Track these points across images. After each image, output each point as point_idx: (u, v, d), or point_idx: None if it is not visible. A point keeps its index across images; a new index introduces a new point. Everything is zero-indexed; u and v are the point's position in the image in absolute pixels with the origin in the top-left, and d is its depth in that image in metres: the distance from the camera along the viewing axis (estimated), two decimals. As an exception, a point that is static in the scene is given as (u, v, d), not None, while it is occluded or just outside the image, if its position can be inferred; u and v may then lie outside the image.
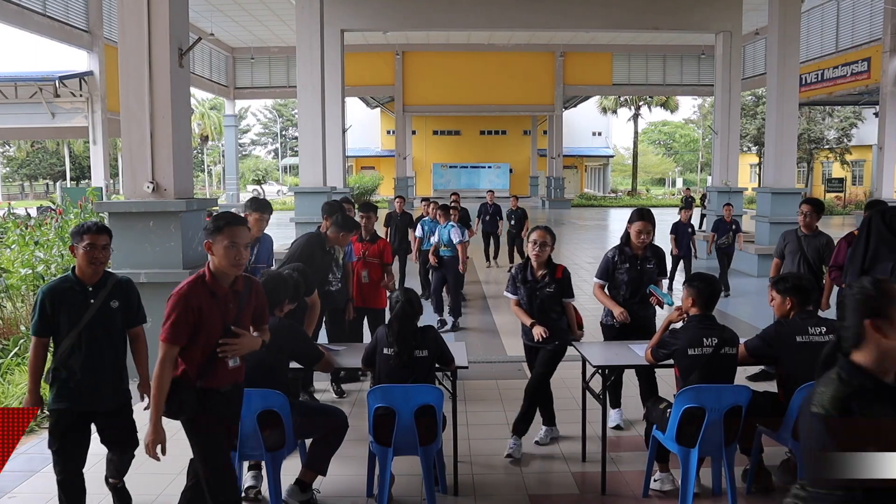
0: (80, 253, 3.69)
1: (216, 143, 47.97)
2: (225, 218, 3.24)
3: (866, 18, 21.69)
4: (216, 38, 26.60)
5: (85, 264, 3.71)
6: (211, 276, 3.25)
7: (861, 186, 37.12)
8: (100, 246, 3.72)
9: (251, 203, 6.15)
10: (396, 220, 11.08)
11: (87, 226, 3.76)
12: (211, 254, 3.23)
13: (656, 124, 63.60)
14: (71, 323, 3.66)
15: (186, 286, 3.21)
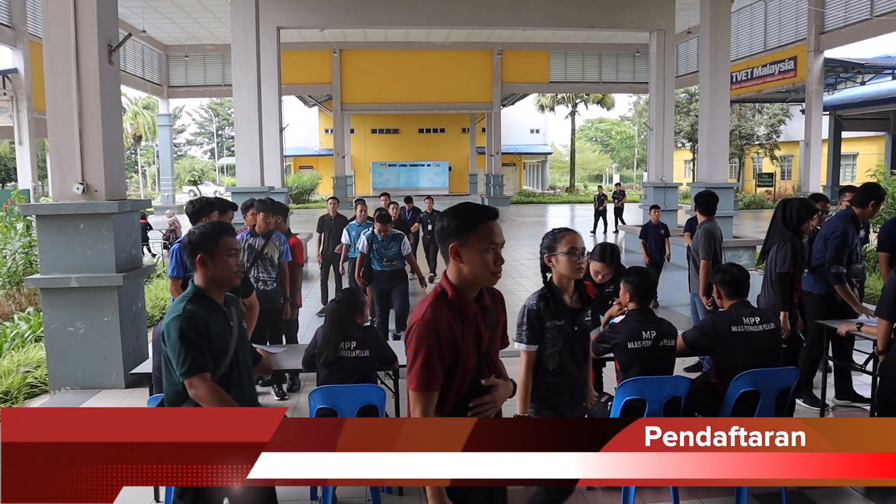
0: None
1: (150, 143, 46.74)
2: (471, 211, 2.44)
3: (792, 19, 22.46)
4: (148, 35, 25.92)
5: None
6: (455, 290, 2.44)
7: (790, 181, 38.40)
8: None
9: (261, 204, 6.22)
10: (329, 224, 10.17)
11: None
12: (456, 260, 2.41)
13: (593, 121, 64.59)
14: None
15: (430, 310, 2.38)
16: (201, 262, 2.95)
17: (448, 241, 2.40)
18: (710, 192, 6.85)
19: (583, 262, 3.38)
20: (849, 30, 19.96)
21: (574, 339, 3.40)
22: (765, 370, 4.12)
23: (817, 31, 20.83)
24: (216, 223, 3.10)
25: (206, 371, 2.83)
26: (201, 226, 3.07)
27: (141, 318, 7.06)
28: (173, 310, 2.89)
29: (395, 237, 7.64)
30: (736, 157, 38.24)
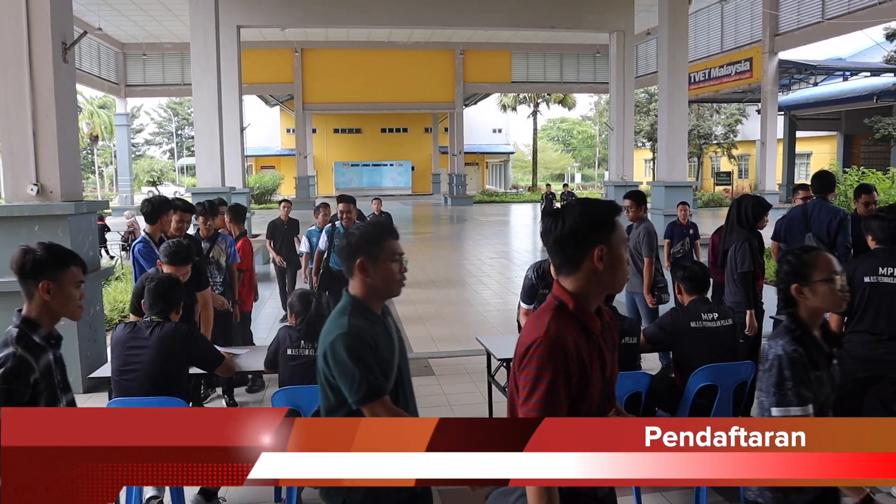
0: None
1: (107, 143, 45.89)
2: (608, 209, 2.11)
3: (748, 21, 22.90)
4: (104, 32, 25.43)
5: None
6: (576, 302, 2.06)
7: (747, 179, 39.12)
8: None
9: (199, 207, 6.10)
10: (282, 228, 9.45)
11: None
12: (588, 266, 2.03)
13: (555, 121, 65.03)
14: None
15: (553, 325, 2.01)
16: (361, 267, 2.53)
17: (588, 244, 2.01)
18: (641, 192, 6.87)
19: (847, 291, 2.61)
20: (801, 32, 20.42)
21: (832, 391, 2.57)
22: (722, 365, 4.20)
23: (772, 33, 21.28)
24: (377, 223, 2.70)
25: (386, 394, 2.46)
26: (361, 226, 2.67)
27: (99, 322, 6.94)
28: (335, 325, 2.49)
29: None
30: (695, 156, 38.81)
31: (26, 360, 2.45)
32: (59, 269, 2.56)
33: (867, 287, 4.29)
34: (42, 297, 2.54)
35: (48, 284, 2.53)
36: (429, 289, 12.15)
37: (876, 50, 25.73)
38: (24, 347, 2.47)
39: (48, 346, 2.59)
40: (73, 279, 2.59)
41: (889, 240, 4.31)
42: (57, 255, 2.59)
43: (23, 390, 2.41)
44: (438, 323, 9.45)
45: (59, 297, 2.56)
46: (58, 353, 2.66)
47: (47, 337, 2.59)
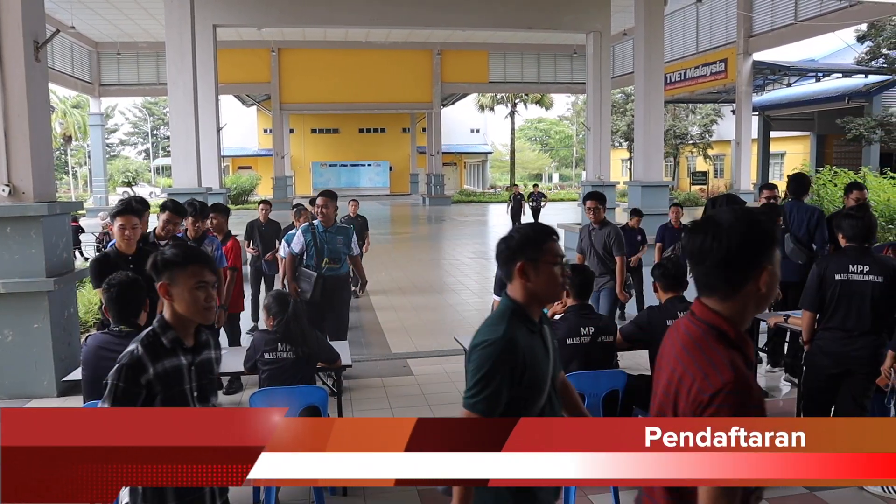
0: None
1: (81, 143, 45.36)
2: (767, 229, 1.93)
3: (722, 22, 23.13)
4: (77, 31, 25.10)
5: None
6: (736, 330, 1.86)
7: (722, 179, 39.48)
8: None
9: (190, 208, 5.99)
10: (260, 230, 9.12)
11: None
12: (752, 287, 1.82)
13: (532, 121, 65.24)
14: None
15: (737, 365, 1.76)
16: (521, 271, 2.39)
17: (757, 265, 1.80)
18: (603, 193, 6.92)
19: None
20: (775, 33, 20.67)
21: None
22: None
23: (746, 34, 21.51)
24: (537, 225, 2.52)
25: (493, 415, 2.31)
26: (520, 228, 2.50)
27: (73, 324, 6.86)
28: (490, 329, 2.35)
29: (341, 229, 6.49)
30: (671, 155, 39.12)
31: (141, 360, 2.37)
32: (174, 269, 2.44)
33: (838, 284, 4.36)
34: (164, 300, 2.46)
35: (166, 286, 2.44)
36: (407, 288, 12.16)
37: (847, 52, 26.09)
38: (144, 347, 2.40)
39: (180, 350, 2.47)
40: (191, 280, 2.43)
41: (859, 238, 4.38)
42: (175, 254, 2.47)
43: (134, 390, 2.33)
44: (416, 322, 9.45)
45: (179, 299, 2.44)
46: (198, 358, 2.54)
47: (177, 340, 2.46)
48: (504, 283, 3.42)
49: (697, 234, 1.84)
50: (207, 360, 2.59)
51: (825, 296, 4.41)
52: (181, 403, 2.44)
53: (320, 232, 6.28)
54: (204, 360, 2.56)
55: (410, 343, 8.26)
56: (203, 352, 2.56)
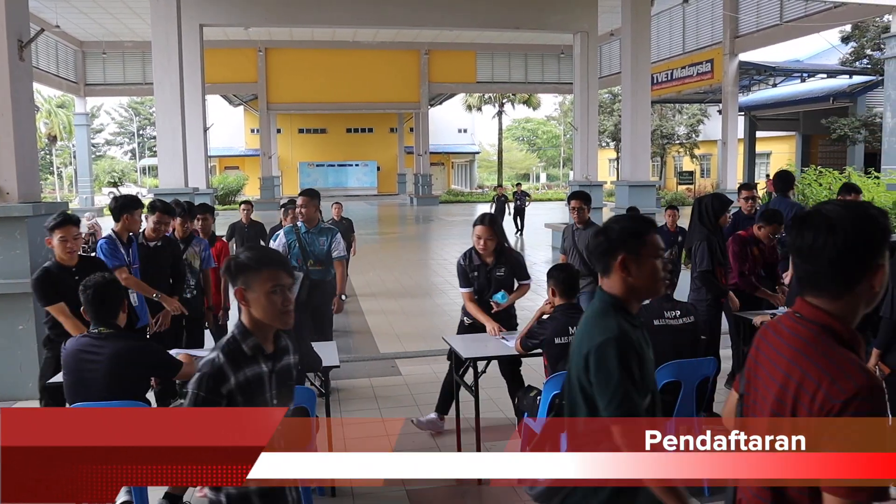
0: None
1: (66, 143, 45.05)
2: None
3: (709, 23, 23.25)
4: (62, 30, 24.92)
5: None
6: (850, 331, 1.77)
7: (709, 178, 39.67)
8: None
9: (178, 208, 5.93)
10: (242, 232, 8.88)
11: None
12: (864, 287, 1.73)
13: (520, 121, 65.32)
14: None
15: (860, 364, 1.71)
16: (622, 264, 2.29)
17: (873, 263, 1.71)
18: (587, 193, 6.84)
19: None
20: (761, 34, 20.81)
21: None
22: (686, 361, 4.26)
23: (732, 34, 21.64)
24: (637, 217, 2.43)
25: (639, 416, 2.19)
26: (619, 219, 2.42)
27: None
28: (600, 328, 2.25)
29: (325, 230, 6.20)
30: (658, 155, 39.28)
31: (222, 369, 2.28)
32: (249, 273, 2.33)
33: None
34: (241, 304, 2.36)
35: (241, 291, 2.33)
36: (394, 288, 12.14)
37: (832, 52, 26.31)
38: (225, 355, 2.31)
39: (261, 357, 2.37)
40: (266, 283, 2.32)
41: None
42: (249, 258, 2.37)
43: (215, 401, 2.25)
44: (404, 323, 9.44)
45: (256, 304, 2.33)
46: (278, 365, 2.44)
47: (258, 347, 2.36)
48: (466, 276, 3.41)
49: (807, 230, 1.73)
50: (287, 366, 2.50)
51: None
52: None
53: (303, 233, 6.07)
54: (284, 366, 2.47)
55: (398, 343, 8.25)
56: (283, 358, 2.48)
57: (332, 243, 6.06)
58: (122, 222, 5.33)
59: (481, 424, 4.69)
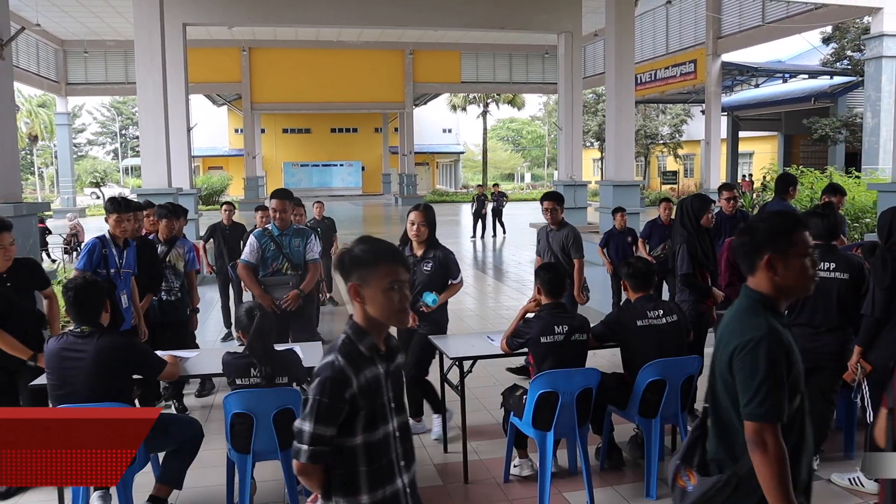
0: None
1: (47, 143, 44.60)
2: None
3: (692, 24, 23.39)
4: (43, 29, 24.70)
5: None
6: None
7: (692, 178, 39.90)
8: None
9: (161, 209, 5.90)
10: (223, 233, 8.46)
11: None
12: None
13: (504, 121, 65.45)
14: None
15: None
16: (768, 264, 2.23)
17: None
18: (560, 194, 6.77)
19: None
20: (743, 35, 20.97)
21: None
22: (670, 360, 4.29)
23: (715, 35, 21.78)
24: (786, 213, 2.36)
25: (781, 416, 2.12)
26: (766, 217, 2.33)
27: (41, 327, 6.74)
28: (750, 325, 2.19)
29: (300, 232, 5.79)
30: (641, 155, 39.44)
31: (344, 372, 2.13)
32: (365, 268, 2.17)
33: (806, 282, 4.41)
34: (355, 302, 2.20)
35: (356, 287, 2.17)
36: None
37: (813, 53, 26.54)
38: (344, 357, 2.16)
39: (377, 357, 2.23)
40: (384, 279, 2.16)
41: (826, 236, 4.45)
42: (364, 251, 2.20)
43: (339, 406, 2.11)
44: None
45: (372, 302, 2.17)
46: (392, 365, 2.29)
47: (374, 347, 2.23)
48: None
49: None
50: (399, 366, 2.36)
51: (794, 293, 4.47)
52: (381, 418, 2.21)
53: (276, 235, 5.62)
54: (397, 366, 2.34)
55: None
56: (396, 357, 2.34)
57: (307, 245, 5.71)
58: (109, 224, 5.27)
59: (467, 424, 4.68)
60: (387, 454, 2.21)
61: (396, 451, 2.24)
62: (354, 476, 2.16)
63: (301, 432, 2.10)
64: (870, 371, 4.24)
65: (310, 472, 2.14)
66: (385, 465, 2.19)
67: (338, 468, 2.16)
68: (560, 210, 6.40)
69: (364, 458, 2.16)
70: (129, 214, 5.22)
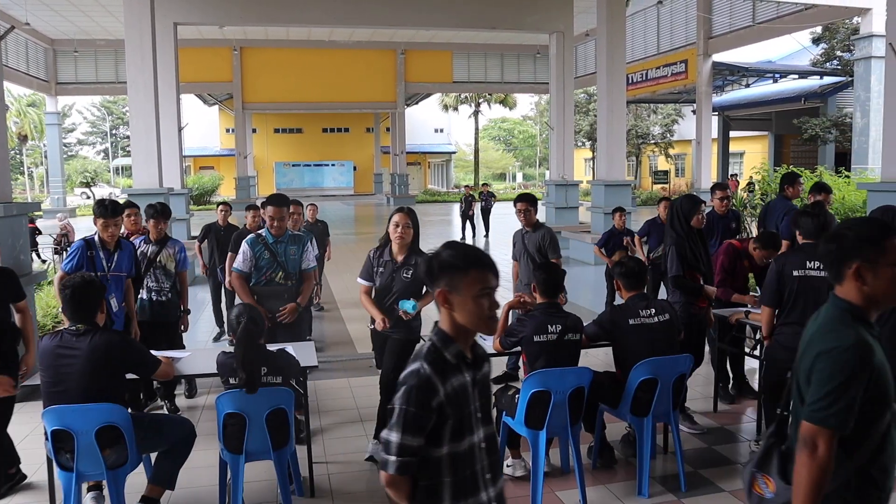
0: None
1: (37, 142, 44.36)
2: None
3: (683, 24, 23.46)
4: (32, 28, 24.55)
5: None
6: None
7: (683, 178, 40.04)
8: None
9: (150, 209, 5.82)
10: (218, 234, 8.41)
11: None
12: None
13: (496, 121, 65.49)
14: None
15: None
16: (856, 273, 2.16)
17: None
18: (533, 195, 6.62)
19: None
20: (733, 35, 21.04)
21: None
22: (662, 358, 4.31)
23: (705, 35, 21.85)
24: (873, 221, 2.26)
25: (845, 431, 2.09)
26: (855, 224, 2.25)
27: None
28: (837, 334, 2.14)
29: (296, 238, 5.48)
30: (633, 155, 39.56)
31: (430, 380, 2.05)
32: (455, 273, 2.09)
33: (796, 280, 4.45)
34: (443, 308, 2.13)
35: (445, 293, 2.10)
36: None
37: (803, 53, 26.66)
38: (430, 364, 2.08)
39: (464, 365, 2.15)
40: (475, 286, 2.09)
41: (816, 235, 4.48)
42: (454, 256, 2.12)
43: (426, 415, 2.03)
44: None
45: (461, 309, 2.10)
46: (479, 373, 2.21)
47: (461, 354, 2.14)
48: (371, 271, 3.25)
49: None
50: (486, 375, 2.26)
51: (784, 292, 4.50)
52: (468, 429, 2.13)
53: (270, 243, 5.32)
54: (484, 375, 2.25)
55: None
56: (483, 366, 2.25)
57: (303, 253, 5.41)
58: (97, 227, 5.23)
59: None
60: (471, 465, 2.14)
61: (482, 462, 2.17)
62: (438, 487, 2.10)
63: (388, 443, 2.04)
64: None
65: (398, 484, 2.07)
66: (469, 476, 2.13)
67: (422, 479, 2.10)
68: (534, 211, 6.35)
69: (449, 469, 2.10)
70: (116, 219, 5.19)
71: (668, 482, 4.48)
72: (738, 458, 4.85)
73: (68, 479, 3.70)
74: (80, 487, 3.80)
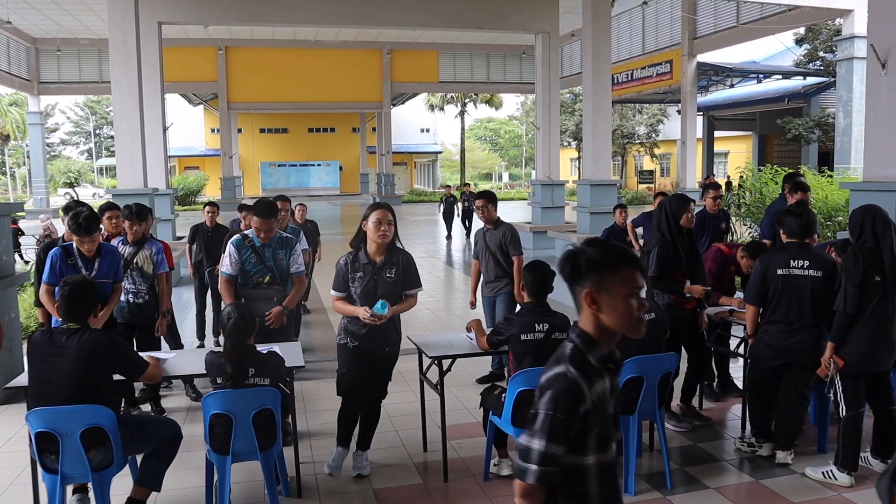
0: None
1: (19, 142, 43.98)
2: None
3: (668, 24, 23.57)
4: (14, 26, 24.35)
5: None
6: None
7: (669, 177, 40.26)
8: None
9: (125, 210, 5.73)
10: (206, 235, 8.18)
11: None
12: None
13: (482, 121, 65.53)
14: None
15: None
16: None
17: None
18: (492, 192, 6.60)
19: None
20: (718, 36, 21.16)
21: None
22: (648, 357, 4.33)
23: (690, 36, 21.97)
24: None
25: None
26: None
27: (14, 330, 6.66)
28: None
29: (284, 241, 5.27)
30: (619, 155, 39.75)
31: (578, 385, 1.91)
32: (605, 273, 1.95)
33: (780, 279, 4.49)
34: (588, 309, 1.99)
35: (592, 294, 1.96)
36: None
37: (787, 54, 26.88)
38: (577, 368, 1.94)
39: (606, 369, 2.02)
40: (625, 286, 1.95)
41: (800, 234, 4.53)
42: (603, 253, 1.98)
43: (572, 422, 1.89)
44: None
45: (610, 310, 1.96)
46: (615, 380, 2.09)
47: (605, 358, 2.01)
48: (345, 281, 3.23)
49: None
50: (617, 382, 2.14)
51: (768, 290, 4.54)
52: (607, 437, 2.00)
53: (258, 246, 5.13)
54: (617, 382, 2.13)
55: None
56: (619, 372, 2.13)
57: (291, 256, 5.22)
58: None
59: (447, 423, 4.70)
60: (614, 477, 2.03)
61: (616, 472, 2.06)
62: (585, 498, 1.97)
63: (529, 451, 1.89)
64: (842, 366, 4.31)
65: (534, 495, 1.91)
66: (612, 491, 2.02)
67: (564, 488, 1.95)
68: (493, 208, 6.34)
69: (596, 479, 1.97)
70: (92, 236, 5.03)
71: (653, 479, 4.50)
72: (723, 456, 4.89)
73: (53, 481, 3.67)
74: (65, 490, 3.77)
